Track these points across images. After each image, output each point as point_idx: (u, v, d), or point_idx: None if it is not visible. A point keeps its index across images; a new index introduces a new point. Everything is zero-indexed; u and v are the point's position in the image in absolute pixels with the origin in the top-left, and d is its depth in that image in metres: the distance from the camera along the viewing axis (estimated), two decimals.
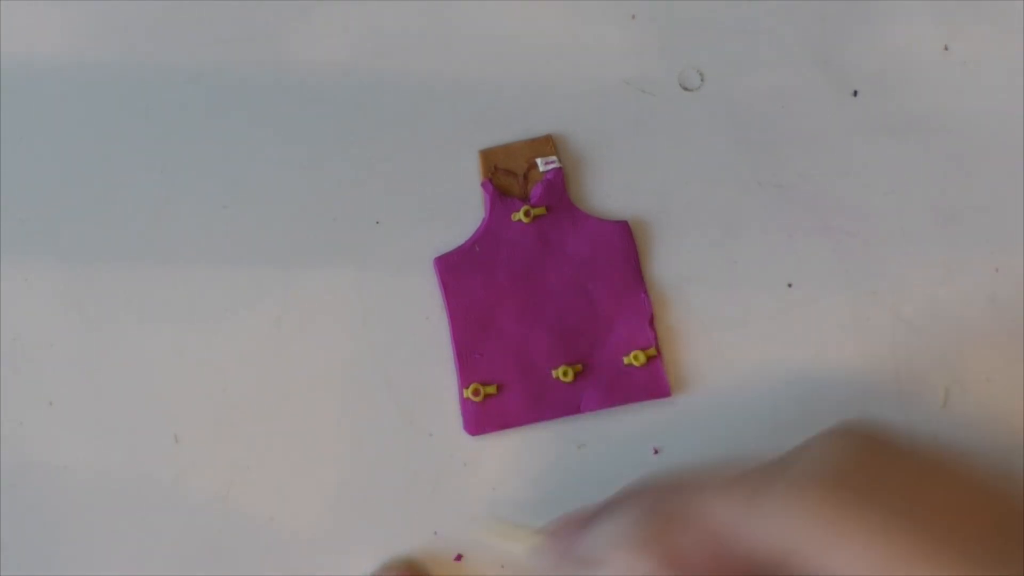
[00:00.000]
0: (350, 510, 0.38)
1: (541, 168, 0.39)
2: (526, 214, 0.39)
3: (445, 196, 0.40)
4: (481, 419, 0.38)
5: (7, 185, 0.40)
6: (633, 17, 0.40)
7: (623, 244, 0.39)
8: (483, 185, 0.39)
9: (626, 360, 0.38)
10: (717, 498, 0.29)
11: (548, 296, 0.39)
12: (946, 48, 0.40)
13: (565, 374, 0.38)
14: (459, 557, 0.37)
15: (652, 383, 0.38)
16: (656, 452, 0.38)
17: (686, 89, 0.40)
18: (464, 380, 0.38)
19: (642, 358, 0.38)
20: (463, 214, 0.39)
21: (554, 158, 0.39)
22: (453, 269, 0.39)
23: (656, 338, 0.38)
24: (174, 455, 0.38)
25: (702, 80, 0.40)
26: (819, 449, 0.29)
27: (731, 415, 0.38)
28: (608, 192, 0.40)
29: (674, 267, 0.39)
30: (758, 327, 0.39)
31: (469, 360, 0.38)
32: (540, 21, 0.40)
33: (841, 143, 0.40)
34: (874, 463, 0.28)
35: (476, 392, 0.38)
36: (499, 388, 0.38)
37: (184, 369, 0.39)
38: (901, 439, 0.29)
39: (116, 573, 0.37)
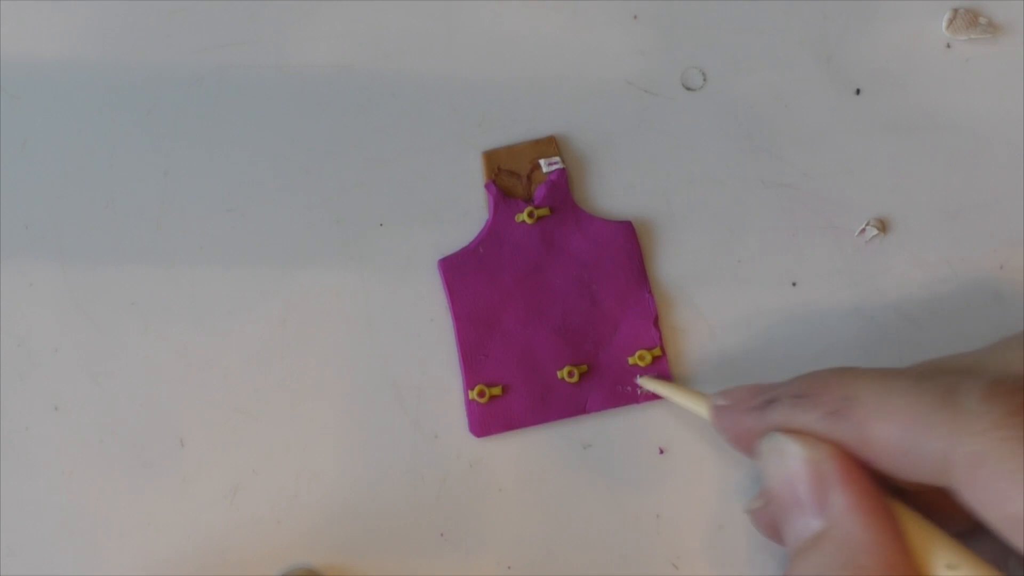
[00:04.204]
0: (356, 512, 0.38)
1: (544, 169, 0.39)
2: (530, 215, 0.39)
3: (448, 198, 0.40)
4: (486, 421, 0.38)
5: (10, 189, 0.39)
6: (635, 17, 0.40)
7: (627, 244, 0.39)
8: (486, 186, 0.39)
9: (631, 360, 0.38)
10: (910, 390, 0.29)
11: (553, 297, 0.39)
12: (948, 46, 0.40)
13: (570, 375, 0.38)
14: None
15: None
16: (662, 452, 0.38)
17: (689, 89, 0.40)
18: (469, 381, 0.38)
19: (647, 358, 0.38)
20: (467, 216, 0.39)
21: (557, 159, 0.39)
22: (457, 271, 0.39)
23: (661, 338, 0.38)
24: (179, 459, 0.38)
25: (705, 80, 0.40)
26: (1013, 352, 0.29)
27: None
28: (612, 192, 0.40)
29: (678, 267, 0.39)
30: (763, 326, 0.39)
31: (474, 361, 0.38)
32: (542, 22, 0.40)
33: (844, 141, 0.40)
34: None
35: (481, 394, 0.38)
36: (504, 389, 0.38)
37: (189, 372, 0.39)
38: None
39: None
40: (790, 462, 0.31)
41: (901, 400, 0.29)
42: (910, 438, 0.29)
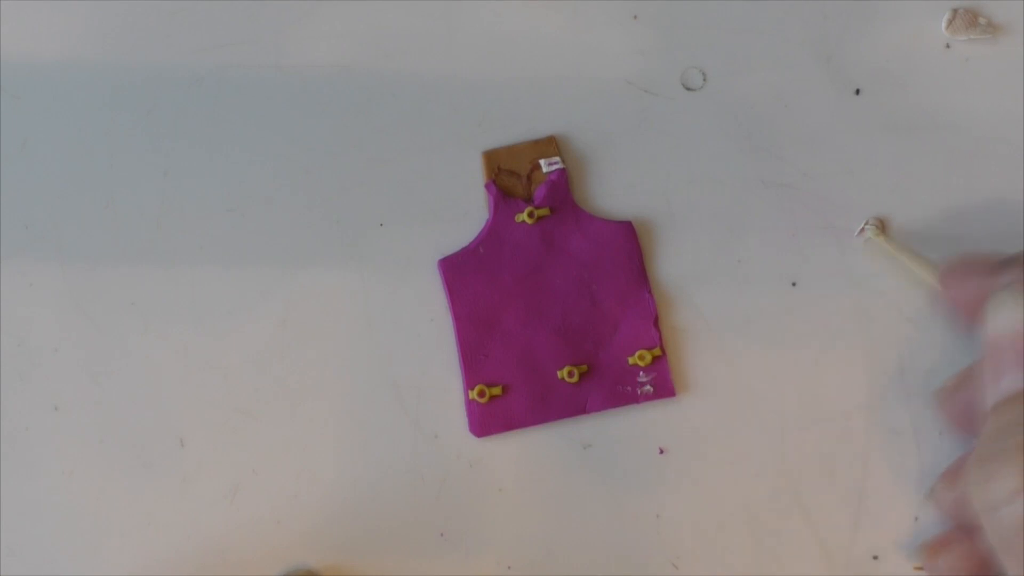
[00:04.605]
0: (356, 512, 0.38)
1: (544, 169, 0.39)
2: (530, 215, 0.39)
3: (449, 198, 0.40)
4: (486, 421, 0.38)
5: (10, 189, 0.40)
6: (635, 17, 0.40)
7: (627, 244, 0.39)
8: (486, 186, 0.39)
9: (631, 360, 0.38)
10: None
11: (553, 297, 0.39)
12: (948, 46, 0.40)
13: (570, 375, 0.38)
14: None
15: (657, 383, 0.38)
16: (662, 452, 0.38)
17: (689, 89, 0.40)
18: (469, 381, 0.38)
19: (647, 358, 0.38)
20: (467, 216, 0.39)
21: (557, 159, 0.39)
22: (457, 271, 0.39)
23: (661, 338, 0.38)
24: (179, 459, 0.38)
25: (704, 80, 0.40)
26: None
27: (736, 414, 0.38)
28: (612, 192, 0.40)
29: (678, 267, 0.39)
30: (762, 326, 0.39)
31: (474, 361, 0.38)
32: (542, 22, 0.40)
33: (844, 141, 0.40)
34: None
35: (481, 393, 0.38)
36: (504, 389, 0.38)
37: (189, 372, 0.39)
38: None
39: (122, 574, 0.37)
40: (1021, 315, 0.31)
41: None
42: None
